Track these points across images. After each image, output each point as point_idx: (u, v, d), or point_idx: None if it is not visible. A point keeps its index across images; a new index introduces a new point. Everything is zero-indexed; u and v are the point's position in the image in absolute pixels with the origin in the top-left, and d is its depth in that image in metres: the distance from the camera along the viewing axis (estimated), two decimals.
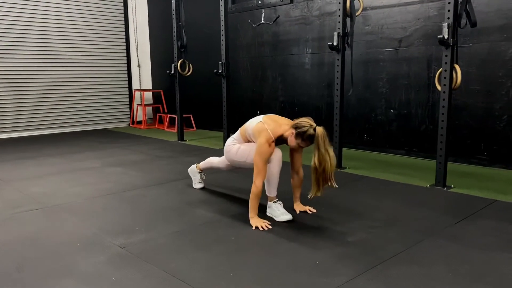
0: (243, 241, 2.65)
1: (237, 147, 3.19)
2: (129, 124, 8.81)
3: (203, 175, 3.89)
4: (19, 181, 4.18)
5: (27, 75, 7.41)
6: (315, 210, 3.15)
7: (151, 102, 8.99)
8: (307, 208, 3.16)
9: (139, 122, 8.73)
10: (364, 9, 5.33)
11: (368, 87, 5.48)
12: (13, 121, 7.35)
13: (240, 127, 3.26)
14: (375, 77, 5.40)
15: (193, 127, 8.04)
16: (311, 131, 2.73)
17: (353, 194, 3.68)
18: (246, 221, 2.94)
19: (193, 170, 3.90)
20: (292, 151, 3.07)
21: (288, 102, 6.51)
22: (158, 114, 8.70)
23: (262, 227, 2.83)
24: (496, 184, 3.94)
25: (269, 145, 2.84)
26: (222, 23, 5.65)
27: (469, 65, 4.58)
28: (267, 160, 2.88)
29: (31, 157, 5.37)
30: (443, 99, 3.75)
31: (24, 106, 7.43)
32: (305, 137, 2.76)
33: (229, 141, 3.29)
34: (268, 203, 3.06)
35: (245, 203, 3.37)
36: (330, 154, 2.69)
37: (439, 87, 3.82)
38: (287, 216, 2.96)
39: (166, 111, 8.63)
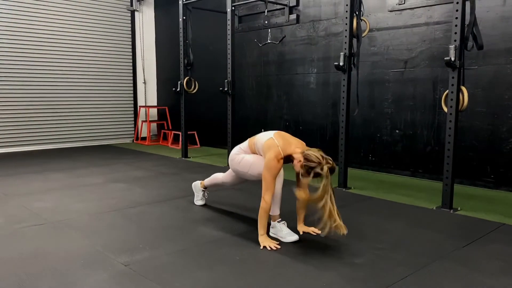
0: (248, 262, 2.61)
1: (241, 157, 3.18)
2: (133, 140, 8.82)
3: (206, 193, 3.88)
4: (22, 196, 4.16)
5: (34, 90, 7.46)
6: (319, 232, 3.11)
7: (156, 118, 9.02)
8: (311, 229, 3.13)
9: (144, 138, 8.74)
10: (370, 30, 5.37)
11: (374, 107, 5.48)
12: (19, 136, 7.37)
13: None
14: (381, 98, 5.41)
15: (197, 144, 8.04)
16: (318, 170, 2.71)
17: (358, 215, 3.64)
18: (250, 240, 2.91)
19: (197, 186, 3.88)
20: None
21: (293, 121, 6.52)
22: (162, 130, 8.72)
23: (270, 247, 2.79)
24: (503, 207, 3.90)
25: (278, 161, 2.83)
26: (229, 41, 5.70)
27: (476, 87, 4.59)
28: (276, 176, 2.86)
29: (35, 172, 5.37)
30: (450, 121, 3.74)
31: (30, 121, 7.46)
32: (311, 173, 2.74)
33: (235, 150, 3.29)
34: (272, 223, 3.03)
35: (248, 221, 3.36)
36: (332, 201, 2.71)
37: (445, 109, 3.81)
38: (294, 237, 2.94)
39: (170, 127, 8.65)
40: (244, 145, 3.25)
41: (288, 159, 2.92)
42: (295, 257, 2.67)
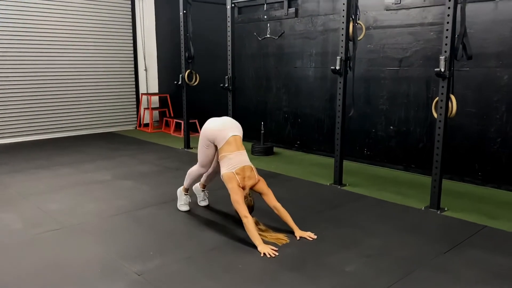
0: (249, 270, 2.88)
1: (204, 141, 3.68)
2: (136, 127, 9.04)
3: (206, 193, 4.15)
4: (35, 195, 4.42)
5: (37, 80, 7.63)
6: (315, 237, 3.38)
7: (158, 105, 9.21)
8: (306, 234, 3.39)
9: (146, 125, 8.96)
10: (367, 28, 5.52)
11: (369, 104, 5.68)
12: (23, 126, 7.59)
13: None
14: (376, 94, 5.61)
15: (198, 132, 8.26)
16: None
17: (351, 216, 3.91)
18: (251, 245, 3.19)
19: (197, 188, 4.15)
20: (260, 194, 3.50)
21: (292, 113, 6.73)
22: (164, 118, 8.92)
23: (269, 254, 3.08)
24: (488, 206, 4.17)
25: (239, 186, 3.37)
26: (229, 37, 5.85)
27: (467, 88, 4.78)
28: (243, 197, 3.33)
29: (43, 167, 5.61)
30: (439, 127, 3.96)
31: (34, 111, 7.67)
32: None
33: (210, 131, 3.67)
34: (180, 191, 4.01)
35: None
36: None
37: (435, 115, 4.02)
38: (185, 208, 3.99)
39: (172, 115, 8.85)
40: (220, 139, 3.55)
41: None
42: (291, 266, 2.94)
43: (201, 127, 8.34)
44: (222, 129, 3.58)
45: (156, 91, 9.32)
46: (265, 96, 7.10)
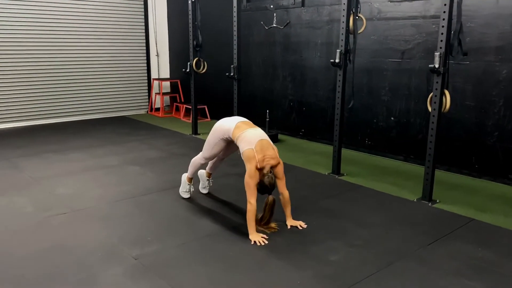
0: (239, 258, 3.08)
1: (216, 138, 3.77)
2: (147, 111, 9.27)
3: (210, 181, 4.34)
4: (47, 179, 4.67)
5: (51, 63, 7.87)
6: (305, 226, 3.56)
7: (169, 90, 9.40)
8: (298, 223, 3.57)
9: (157, 110, 9.18)
10: (371, 19, 5.57)
11: (371, 94, 5.77)
12: (38, 110, 7.87)
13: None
14: (378, 85, 5.68)
15: (207, 117, 8.45)
16: (263, 193, 3.41)
17: (344, 206, 4.06)
18: (243, 234, 3.38)
19: (202, 175, 4.34)
20: (275, 176, 3.47)
21: (297, 102, 6.84)
22: (175, 103, 9.12)
23: (259, 242, 3.27)
24: (480, 199, 4.28)
25: (257, 169, 3.35)
26: (235, 27, 5.96)
27: (466, 82, 4.84)
28: (257, 183, 3.35)
29: (55, 151, 5.88)
30: (432, 122, 4.06)
31: (49, 95, 7.94)
32: (260, 190, 3.40)
33: (223, 127, 3.72)
34: (184, 179, 4.18)
35: (244, 213, 3.80)
36: (270, 219, 3.44)
37: (430, 109, 4.12)
38: (185, 196, 4.19)
39: (182, 100, 9.04)
40: (230, 129, 3.61)
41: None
42: (278, 254, 3.12)
43: (210, 113, 8.59)
44: (230, 121, 3.72)
45: (168, 76, 9.49)
46: (272, 84, 7.22)
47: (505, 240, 3.40)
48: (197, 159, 4.04)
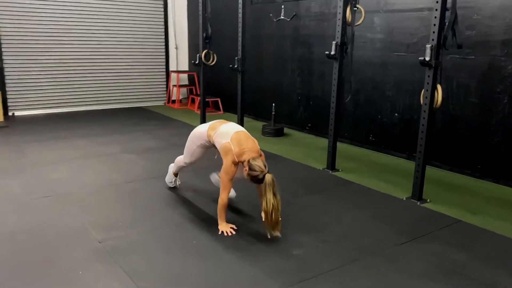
0: (201, 247, 3.05)
1: (193, 144, 3.73)
2: (165, 102, 9.38)
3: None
4: (43, 165, 4.79)
5: (73, 55, 8.09)
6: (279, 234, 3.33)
7: (187, 83, 9.47)
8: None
9: (174, 101, 9.28)
10: (377, 11, 5.39)
11: (376, 89, 5.58)
12: (58, 98, 8.12)
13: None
14: (383, 80, 5.49)
15: (220, 110, 8.45)
16: (260, 176, 3.07)
17: (329, 202, 3.95)
18: (211, 224, 3.35)
19: (215, 179, 4.04)
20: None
21: (304, 95, 6.73)
22: (190, 96, 9.18)
23: (227, 232, 3.23)
24: (474, 200, 4.05)
25: (234, 165, 3.22)
26: (240, 20, 5.91)
27: (470, 78, 4.60)
28: (232, 178, 3.26)
29: (62, 138, 6.04)
30: (423, 118, 3.87)
31: (69, 84, 8.17)
32: (254, 180, 3.13)
33: (200, 133, 3.66)
34: (171, 171, 4.12)
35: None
36: (277, 198, 3.03)
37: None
38: (170, 185, 4.15)
39: (198, 93, 9.08)
40: (204, 131, 3.57)
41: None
42: (241, 245, 3.06)
43: (223, 106, 8.60)
44: (203, 125, 3.68)
45: (186, 68, 9.57)
46: (281, 77, 7.13)
47: (486, 243, 3.20)
48: (180, 160, 4.00)
